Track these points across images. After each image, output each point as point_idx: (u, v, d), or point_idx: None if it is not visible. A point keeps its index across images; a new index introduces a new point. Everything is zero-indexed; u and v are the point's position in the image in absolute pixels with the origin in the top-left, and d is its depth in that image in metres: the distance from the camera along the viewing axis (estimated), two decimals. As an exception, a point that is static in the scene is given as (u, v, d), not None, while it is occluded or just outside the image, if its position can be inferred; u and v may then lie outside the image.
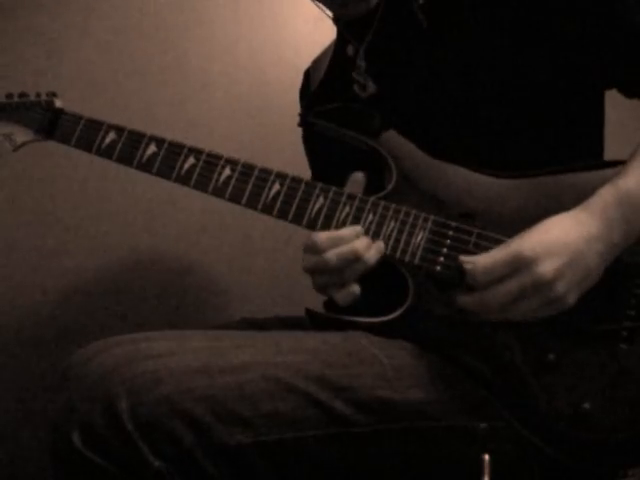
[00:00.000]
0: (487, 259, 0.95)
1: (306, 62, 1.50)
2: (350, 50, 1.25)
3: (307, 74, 1.49)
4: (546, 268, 0.92)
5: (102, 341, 0.97)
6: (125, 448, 0.85)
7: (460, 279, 0.97)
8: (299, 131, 1.46)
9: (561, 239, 0.94)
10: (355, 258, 1.03)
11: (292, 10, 1.95)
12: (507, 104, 1.11)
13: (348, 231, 1.06)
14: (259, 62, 1.93)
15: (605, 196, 0.98)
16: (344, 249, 1.03)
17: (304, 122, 1.21)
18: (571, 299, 0.94)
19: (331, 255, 1.02)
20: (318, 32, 1.84)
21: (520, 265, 0.93)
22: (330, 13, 1.29)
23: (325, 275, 1.05)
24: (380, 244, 1.06)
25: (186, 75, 1.89)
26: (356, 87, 1.20)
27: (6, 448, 1.73)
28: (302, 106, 1.49)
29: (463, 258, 0.98)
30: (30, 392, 1.73)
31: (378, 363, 0.99)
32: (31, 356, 1.76)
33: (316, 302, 1.13)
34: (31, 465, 1.66)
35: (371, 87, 1.19)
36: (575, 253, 0.94)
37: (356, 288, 1.04)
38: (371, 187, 1.10)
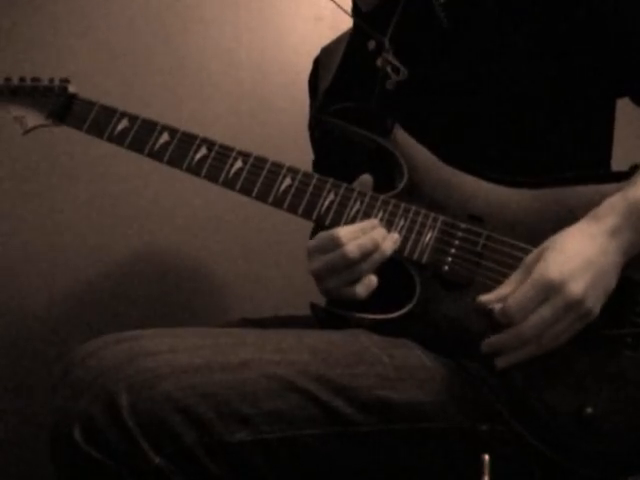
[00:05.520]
0: (517, 295, 0.94)
1: (306, 62, 1.50)
2: (372, 45, 1.25)
3: (316, 62, 1.49)
4: (575, 288, 0.92)
5: (102, 338, 0.97)
6: (125, 445, 0.85)
7: (485, 317, 0.97)
8: (299, 131, 1.46)
9: (580, 256, 0.94)
10: (374, 248, 1.03)
11: (292, 10, 1.95)
12: (520, 108, 1.12)
13: (365, 223, 1.07)
14: (259, 62, 1.93)
15: (615, 206, 0.98)
16: (364, 239, 1.04)
17: (316, 120, 1.21)
18: (597, 310, 0.95)
19: (352, 246, 1.02)
20: (318, 32, 1.85)
21: (550, 291, 0.93)
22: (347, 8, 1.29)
23: (339, 273, 1.04)
24: (395, 235, 1.07)
25: (186, 75, 1.89)
26: (389, 69, 1.19)
27: (7, 445, 1.73)
28: (311, 98, 1.49)
29: (485, 298, 0.97)
30: (31, 389, 1.74)
31: (379, 363, 0.99)
32: (31, 353, 1.77)
33: (316, 302, 1.13)
34: (32, 462, 1.65)
35: (404, 71, 1.18)
36: (596, 267, 0.94)
37: (374, 279, 1.05)
38: (380, 187, 1.10)
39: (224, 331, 1.05)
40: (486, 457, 0.83)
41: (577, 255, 0.94)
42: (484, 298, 0.97)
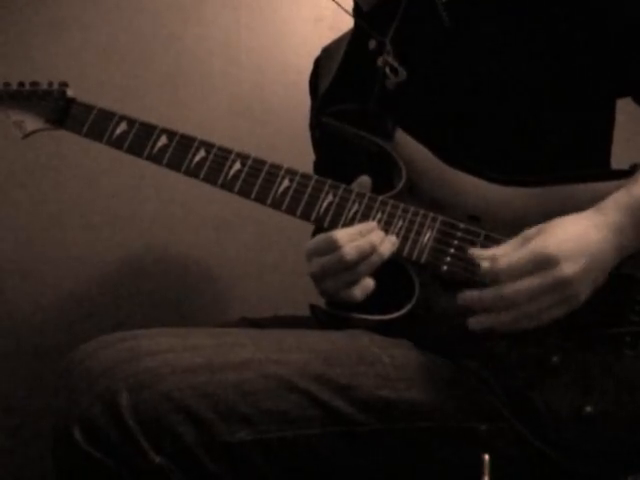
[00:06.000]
0: (512, 256, 0.94)
1: (306, 62, 1.50)
2: (372, 44, 1.25)
3: (317, 62, 1.49)
4: (570, 268, 0.92)
5: (103, 337, 0.97)
6: (126, 444, 0.85)
7: (471, 274, 0.97)
8: (299, 131, 1.46)
9: (582, 239, 0.94)
10: (371, 250, 1.03)
11: (292, 10, 1.95)
12: (520, 108, 1.12)
13: (363, 226, 1.07)
14: (259, 62, 1.93)
15: (619, 203, 0.98)
16: (361, 242, 1.04)
17: (316, 121, 1.21)
18: (583, 298, 0.94)
19: (349, 249, 1.03)
20: (318, 33, 1.85)
21: (545, 263, 0.92)
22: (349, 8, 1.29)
23: (336, 276, 1.04)
24: (393, 238, 1.07)
25: (186, 75, 1.89)
26: (388, 70, 1.19)
27: (8, 445, 1.73)
28: (312, 97, 1.49)
29: (477, 252, 0.98)
30: (31, 389, 1.74)
31: (380, 362, 0.99)
32: (31, 353, 1.77)
33: (316, 302, 1.13)
34: (33, 461, 1.66)
35: (403, 72, 1.18)
36: (594, 254, 0.94)
37: (370, 282, 1.05)
38: (379, 188, 1.11)
39: (224, 331, 1.05)
40: (486, 457, 0.83)
41: (579, 238, 0.94)
42: (476, 251, 0.98)
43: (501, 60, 1.12)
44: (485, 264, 0.95)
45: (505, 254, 0.95)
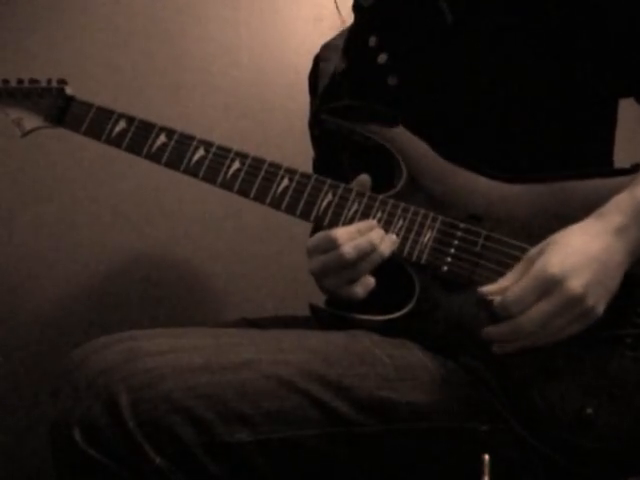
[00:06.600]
0: (515, 288, 0.93)
1: (306, 62, 1.50)
2: (372, 41, 1.24)
3: (317, 59, 1.48)
4: (576, 284, 0.91)
5: (102, 338, 0.97)
6: (126, 445, 0.85)
7: (485, 309, 0.97)
8: (299, 131, 1.46)
9: (584, 253, 0.93)
10: (371, 249, 1.03)
11: (292, 10, 1.95)
12: (522, 106, 1.12)
13: (363, 224, 1.06)
14: (259, 62, 1.93)
15: (621, 204, 0.97)
16: (361, 240, 1.03)
17: (315, 119, 1.21)
18: (600, 310, 0.93)
19: (349, 247, 1.02)
20: (318, 33, 1.85)
21: (550, 285, 0.92)
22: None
23: (337, 273, 1.04)
24: (393, 236, 1.06)
25: (186, 75, 1.89)
26: (386, 67, 1.19)
27: (8, 445, 1.74)
28: (311, 95, 1.49)
29: (486, 290, 0.97)
30: (31, 389, 1.73)
31: (380, 363, 0.98)
32: (31, 354, 1.77)
33: (316, 302, 1.13)
34: (33, 462, 1.66)
35: (401, 69, 1.18)
36: (599, 265, 0.93)
37: (371, 280, 1.04)
38: (380, 186, 1.10)
39: (224, 331, 1.05)
40: (486, 457, 0.83)
41: (580, 251, 0.93)
42: (484, 289, 0.97)
43: (503, 59, 1.12)
44: (497, 299, 0.94)
45: (511, 284, 0.95)
